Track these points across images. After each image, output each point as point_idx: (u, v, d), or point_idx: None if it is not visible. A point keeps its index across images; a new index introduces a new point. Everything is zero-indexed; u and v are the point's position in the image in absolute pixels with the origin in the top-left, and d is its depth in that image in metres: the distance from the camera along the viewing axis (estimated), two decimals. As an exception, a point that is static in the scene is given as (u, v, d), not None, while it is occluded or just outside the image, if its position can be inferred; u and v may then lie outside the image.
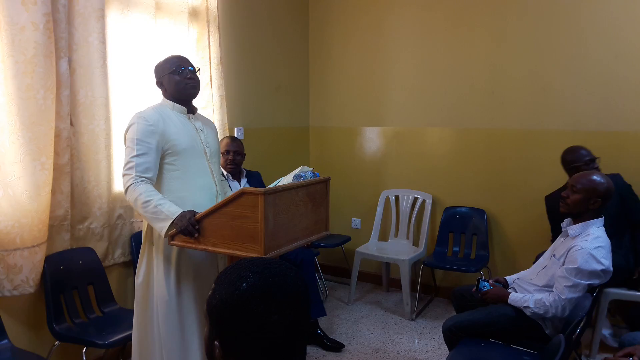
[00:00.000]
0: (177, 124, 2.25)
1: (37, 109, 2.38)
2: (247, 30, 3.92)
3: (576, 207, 2.39)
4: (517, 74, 3.67)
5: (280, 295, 0.96)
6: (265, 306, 0.94)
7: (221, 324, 0.96)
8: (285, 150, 4.40)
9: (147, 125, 2.14)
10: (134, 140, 2.13)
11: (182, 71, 2.26)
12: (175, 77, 2.25)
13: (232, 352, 0.95)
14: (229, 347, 0.95)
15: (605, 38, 3.33)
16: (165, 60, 2.30)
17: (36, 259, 2.45)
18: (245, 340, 0.94)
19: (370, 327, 3.56)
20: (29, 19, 2.31)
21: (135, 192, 2.09)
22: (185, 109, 2.32)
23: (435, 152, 4.09)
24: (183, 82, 2.25)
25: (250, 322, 0.93)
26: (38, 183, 2.41)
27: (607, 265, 2.25)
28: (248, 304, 0.94)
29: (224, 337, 0.96)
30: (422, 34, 4.04)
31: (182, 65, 2.27)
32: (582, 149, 3.11)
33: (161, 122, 2.18)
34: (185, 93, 2.28)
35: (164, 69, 2.28)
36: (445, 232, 3.99)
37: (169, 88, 2.27)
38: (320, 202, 2.37)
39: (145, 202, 2.08)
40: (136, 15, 2.97)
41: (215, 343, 0.96)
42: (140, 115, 2.18)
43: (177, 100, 2.29)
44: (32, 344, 2.52)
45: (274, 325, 0.93)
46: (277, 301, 0.95)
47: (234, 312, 0.94)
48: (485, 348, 2.33)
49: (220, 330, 0.97)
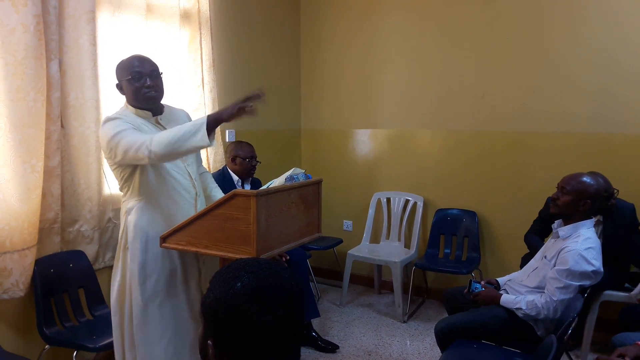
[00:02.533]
0: (146, 130, 2.14)
1: (28, 111, 2.36)
2: (238, 33, 3.92)
3: (566, 209, 2.41)
4: (507, 77, 3.70)
5: (274, 296, 0.96)
6: (258, 306, 0.94)
7: (215, 323, 0.96)
8: (277, 152, 4.40)
9: (120, 120, 2.07)
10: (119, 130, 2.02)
11: (140, 80, 2.12)
12: (134, 85, 2.13)
13: (225, 351, 0.96)
14: (222, 346, 0.96)
15: (595, 40, 3.36)
16: (124, 63, 2.17)
17: (26, 262, 2.43)
18: (238, 341, 0.94)
19: (363, 330, 3.56)
20: (19, 20, 2.30)
21: (156, 140, 1.94)
22: (150, 113, 2.21)
23: (427, 155, 4.11)
24: (141, 90, 2.13)
25: (243, 322, 0.93)
26: (28, 185, 2.39)
27: (598, 266, 2.27)
28: (241, 303, 0.94)
29: (217, 336, 0.96)
30: (413, 37, 4.06)
31: (141, 72, 2.13)
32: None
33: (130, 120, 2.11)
34: (143, 102, 2.17)
35: (123, 72, 2.16)
36: (436, 234, 4.00)
37: (128, 95, 2.18)
38: (313, 204, 2.37)
39: (170, 136, 1.94)
40: (127, 17, 2.96)
41: (209, 342, 0.96)
42: (109, 117, 2.11)
43: (138, 106, 2.19)
44: (22, 347, 2.50)
45: (266, 325, 0.94)
46: (270, 301, 0.95)
47: (227, 312, 0.95)
48: (477, 349, 2.33)
49: (214, 330, 0.97)
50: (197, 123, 1.94)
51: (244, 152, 3.28)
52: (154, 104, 2.22)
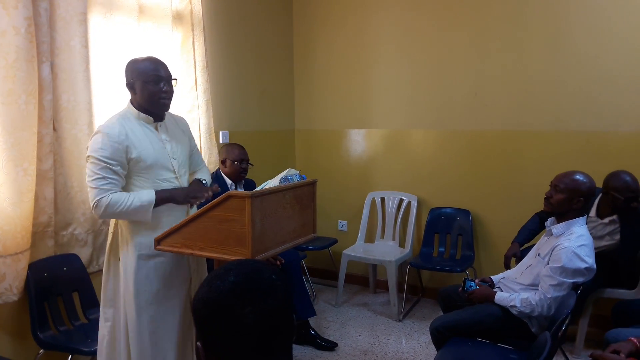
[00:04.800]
0: (142, 137, 2.12)
1: (19, 114, 2.34)
2: (231, 34, 3.92)
3: (560, 207, 2.43)
4: (499, 76, 3.71)
5: (254, 290, 0.97)
6: (237, 300, 0.94)
7: (201, 323, 0.97)
8: (271, 153, 4.40)
9: (111, 142, 2.02)
10: (99, 157, 2.00)
11: (159, 84, 2.10)
12: (150, 88, 2.10)
13: (212, 350, 0.96)
14: (209, 345, 0.96)
15: (586, 39, 3.38)
16: (143, 63, 2.13)
17: (19, 266, 2.41)
18: (222, 337, 0.94)
19: (358, 329, 3.57)
20: (10, 23, 2.28)
21: (106, 201, 2.01)
22: (152, 119, 2.18)
23: (420, 154, 4.12)
24: (158, 95, 2.11)
25: (224, 316, 0.94)
26: (21, 189, 2.37)
27: (591, 263, 2.29)
28: (221, 298, 0.95)
29: (204, 336, 0.97)
30: (406, 37, 4.07)
31: (160, 77, 2.11)
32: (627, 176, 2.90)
33: (125, 137, 2.05)
34: (156, 107, 2.15)
35: (139, 73, 2.10)
36: (430, 233, 4.02)
37: (140, 96, 2.12)
38: (307, 205, 2.37)
39: (120, 209, 2.03)
40: (119, 19, 2.94)
41: (197, 344, 0.97)
42: (104, 130, 2.04)
43: (144, 110, 2.15)
44: (17, 352, 2.48)
45: (247, 318, 0.93)
46: (249, 295, 0.96)
47: (209, 309, 0.96)
48: (472, 347, 2.35)
49: (201, 330, 0.98)
50: (146, 203, 2.07)
51: (233, 155, 3.25)
52: (165, 111, 2.22)
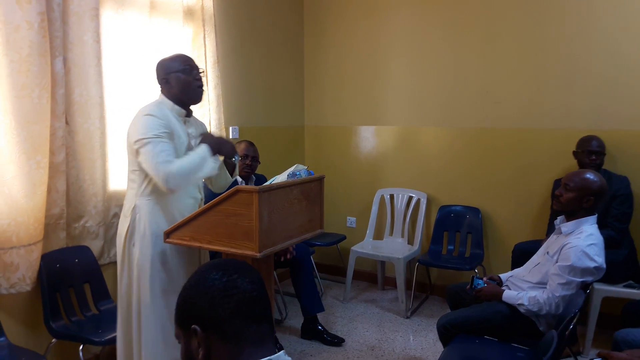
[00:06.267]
0: (176, 126, 2.21)
1: (32, 108, 2.38)
2: (242, 29, 3.93)
3: (570, 205, 2.41)
4: (511, 74, 3.69)
5: (235, 265, 1.06)
6: (223, 272, 1.03)
7: (193, 305, 1.01)
8: (280, 149, 4.41)
9: (158, 120, 2.10)
10: (152, 135, 2.07)
11: (192, 72, 2.21)
12: (185, 77, 2.20)
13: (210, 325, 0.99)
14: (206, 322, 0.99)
15: (600, 37, 3.35)
16: (173, 58, 2.24)
17: (32, 257, 2.46)
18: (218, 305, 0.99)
19: (366, 325, 3.58)
20: (24, 17, 2.32)
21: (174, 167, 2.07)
22: (185, 112, 2.27)
23: (430, 151, 4.11)
24: (193, 83, 2.21)
25: (213, 286, 1.00)
26: (34, 182, 2.41)
27: (600, 263, 2.27)
28: (208, 274, 1.03)
29: (199, 318, 1.00)
30: (416, 34, 4.06)
31: (192, 65, 2.23)
32: (594, 140, 3.19)
33: (168, 122, 2.15)
34: (192, 95, 2.24)
35: (172, 67, 2.21)
36: (439, 231, 4.01)
37: (176, 87, 2.21)
38: (315, 200, 2.38)
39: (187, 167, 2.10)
40: (131, 14, 2.97)
41: (194, 327, 0.99)
42: (147, 112, 2.12)
43: (178, 102, 2.23)
44: (30, 341, 2.52)
45: (235, 282, 1.01)
46: (232, 267, 1.04)
47: (200, 287, 1.02)
48: (479, 345, 2.34)
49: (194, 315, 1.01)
50: (202, 152, 2.16)
51: (238, 150, 3.26)
52: (199, 100, 2.29)
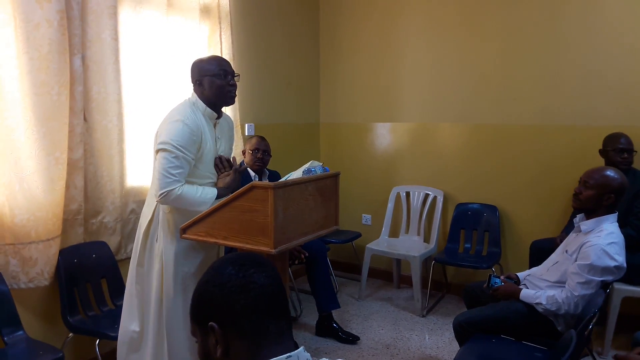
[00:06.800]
0: (207, 132, 2.23)
1: (52, 104, 2.41)
2: (258, 27, 3.94)
3: (589, 203, 2.37)
4: (529, 70, 3.63)
5: (255, 261, 1.03)
6: (240, 266, 1.00)
7: (209, 302, 0.99)
8: (295, 146, 4.41)
9: (190, 134, 2.12)
10: (178, 147, 2.09)
11: (226, 77, 2.22)
12: (219, 82, 2.20)
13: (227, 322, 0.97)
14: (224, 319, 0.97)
15: (621, 32, 3.28)
16: (209, 61, 2.24)
17: (51, 252, 2.49)
18: (234, 300, 0.97)
19: (381, 323, 3.56)
20: (44, 16, 2.35)
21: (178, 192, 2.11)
22: (216, 115, 2.28)
23: (447, 148, 4.07)
24: (227, 88, 2.22)
25: (230, 282, 0.98)
26: (52, 177, 2.44)
27: (621, 262, 2.22)
28: (224, 270, 1.00)
29: (216, 315, 0.98)
30: (433, 29, 4.03)
31: (227, 70, 2.23)
32: (623, 137, 3.10)
33: (201, 131, 2.17)
34: (225, 100, 2.25)
35: (207, 69, 2.21)
36: (456, 229, 3.97)
37: (209, 91, 2.21)
38: (330, 197, 2.38)
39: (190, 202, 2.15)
40: (148, 12, 2.99)
41: (211, 324, 0.97)
42: (185, 121, 2.13)
43: (210, 104, 2.24)
44: (47, 335, 2.56)
45: (252, 277, 0.98)
46: (249, 262, 1.02)
47: (215, 285, 0.99)
48: (496, 344, 2.32)
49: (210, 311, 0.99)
50: (208, 200, 2.18)
51: (250, 144, 3.33)
52: (230, 104, 2.31)
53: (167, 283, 2.24)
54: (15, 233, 2.38)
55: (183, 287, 2.25)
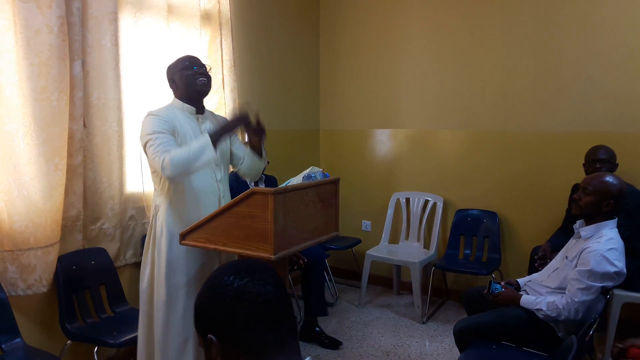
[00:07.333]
0: (185, 125, 2.26)
1: (51, 110, 2.41)
2: (258, 33, 3.95)
3: (589, 209, 2.36)
4: (529, 76, 3.64)
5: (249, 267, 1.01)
6: (235, 275, 0.98)
7: (206, 314, 0.98)
8: (295, 152, 4.41)
9: (160, 119, 2.18)
10: (152, 131, 2.14)
11: (194, 68, 2.28)
12: (187, 72, 2.27)
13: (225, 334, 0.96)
14: (221, 331, 0.96)
15: (619, 39, 3.29)
16: (177, 60, 2.33)
17: (49, 258, 2.48)
18: (230, 313, 0.95)
19: (381, 330, 3.55)
20: (44, 22, 2.35)
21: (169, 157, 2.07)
22: (194, 109, 2.32)
23: (447, 155, 4.07)
24: (194, 76, 2.27)
25: (225, 293, 0.96)
26: (52, 183, 2.44)
27: (621, 267, 2.22)
28: (220, 280, 0.99)
29: (213, 327, 0.97)
30: (433, 36, 4.04)
31: (193, 62, 2.29)
32: (602, 149, 3.10)
33: (171, 119, 2.22)
34: (196, 88, 2.28)
35: (176, 67, 2.31)
36: (456, 235, 3.97)
37: (180, 85, 2.29)
38: (330, 203, 2.37)
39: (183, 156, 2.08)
40: (148, 19, 3.00)
41: (209, 336, 0.96)
42: (152, 112, 2.22)
43: (187, 99, 2.30)
44: (45, 342, 2.54)
45: (247, 286, 0.96)
46: (245, 270, 1.00)
47: (211, 294, 0.98)
48: (496, 350, 2.30)
49: (208, 323, 0.98)
50: (203, 141, 2.10)
51: None
52: (204, 94, 2.33)
53: (160, 289, 2.23)
54: (13, 239, 2.37)
55: (177, 293, 2.23)
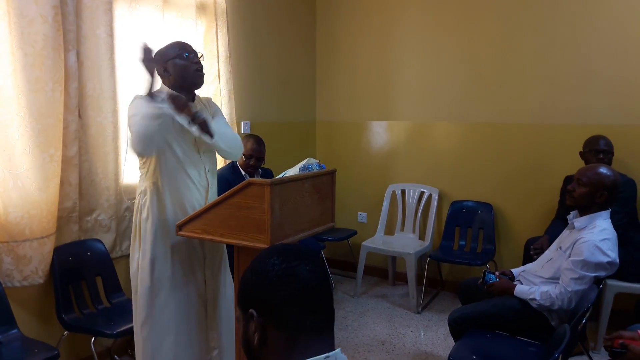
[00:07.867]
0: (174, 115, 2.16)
1: (46, 101, 2.40)
2: (254, 24, 3.93)
3: (583, 200, 2.39)
4: (524, 68, 3.65)
5: (298, 251, 1.04)
6: (284, 257, 1.00)
7: (251, 288, 1.01)
8: (292, 144, 4.41)
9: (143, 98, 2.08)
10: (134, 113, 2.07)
11: (188, 56, 2.17)
12: (181, 62, 2.16)
13: (266, 310, 0.98)
14: (263, 307, 0.98)
15: (615, 32, 3.30)
16: (168, 46, 2.21)
17: (45, 250, 2.48)
18: (274, 291, 0.98)
19: (376, 320, 3.58)
20: (38, 11, 2.34)
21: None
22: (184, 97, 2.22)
23: (442, 147, 4.08)
24: (191, 66, 2.17)
25: (272, 271, 0.99)
26: (47, 175, 2.43)
27: (614, 257, 2.24)
28: (268, 259, 1.01)
29: (256, 302, 0.99)
30: (429, 28, 4.03)
31: (187, 50, 2.19)
32: (602, 139, 3.13)
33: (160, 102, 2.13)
34: (191, 79, 2.20)
35: (168, 54, 2.17)
36: (451, 226, 3.99)
37: (174, 74, 2.17)
38: (326, 194, 2.38)
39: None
40: (144, 9, 2.98)
41: (251, 311, 0.98)
42: (139, 95, 2.14)
43: (178, 88, 2.19)
44: (42, 333, 2.55)
45: (294, 269, 0.99)
46: (294, 254, 1.02)
47: (258, 273, 1.01)
48: (490, 339, 2.33)
49: (252, 298, 1.00)
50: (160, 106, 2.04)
51: (245, 149, 3.12)
52: (200, 83, 2.24)
53: (144, 281, 2.21)
54: (9, 231, 2.37)
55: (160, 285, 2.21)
